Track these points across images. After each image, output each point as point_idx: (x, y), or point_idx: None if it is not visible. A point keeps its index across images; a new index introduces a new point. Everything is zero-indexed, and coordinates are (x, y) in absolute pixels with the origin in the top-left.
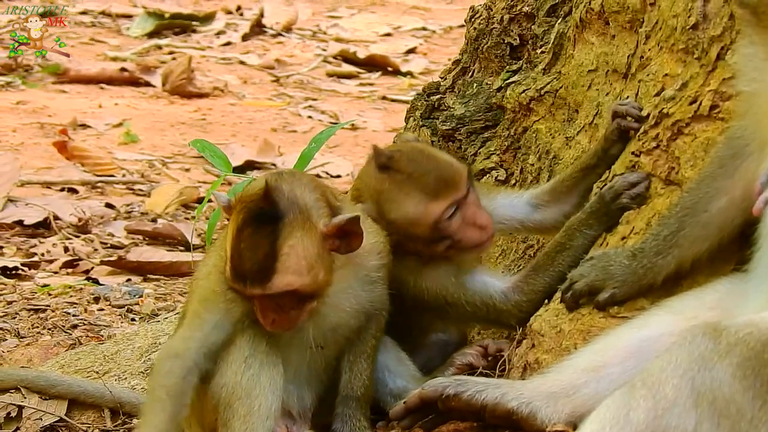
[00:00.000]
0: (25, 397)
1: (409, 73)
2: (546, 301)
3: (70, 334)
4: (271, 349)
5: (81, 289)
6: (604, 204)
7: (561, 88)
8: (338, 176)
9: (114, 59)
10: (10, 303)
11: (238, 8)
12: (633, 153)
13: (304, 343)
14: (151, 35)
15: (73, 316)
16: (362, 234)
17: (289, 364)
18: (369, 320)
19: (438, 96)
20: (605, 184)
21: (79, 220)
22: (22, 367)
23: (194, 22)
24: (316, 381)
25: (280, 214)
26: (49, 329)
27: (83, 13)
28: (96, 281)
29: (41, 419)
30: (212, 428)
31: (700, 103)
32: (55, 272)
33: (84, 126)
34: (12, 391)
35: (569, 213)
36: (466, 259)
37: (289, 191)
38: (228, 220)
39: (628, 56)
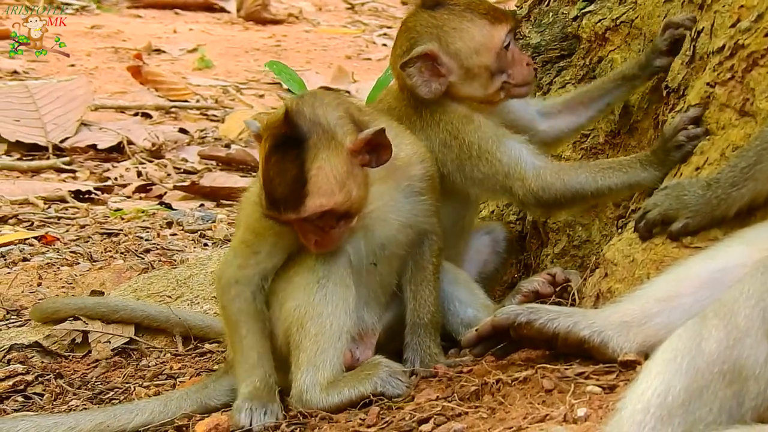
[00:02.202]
0: (86, 323)
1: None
2: (618, 230)
3: (143, 259)
4: (345, 271)
5: (154, 213)
6: (664, 141)
7: (636, 18)
8: None
9: None
10: (83, 227)
11: None
12: (708, 84)
13: (359, 261)
14: None
15: (146, 240)
16: (390, 145)
17: None
18: (421, 242)
19: (517, 14)
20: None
21: (153, 144)
22: (93, 291)
23: None
24: (374, 303)
25: (304, 137)
26: (122, 253)
27: None
28: (169, 206)
29: (110, 342)
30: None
31: None
32: (128, 197)
33: (158, 51)
34: (70, 319)
35: (581, 126)
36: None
37: (310, 113)
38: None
39: None
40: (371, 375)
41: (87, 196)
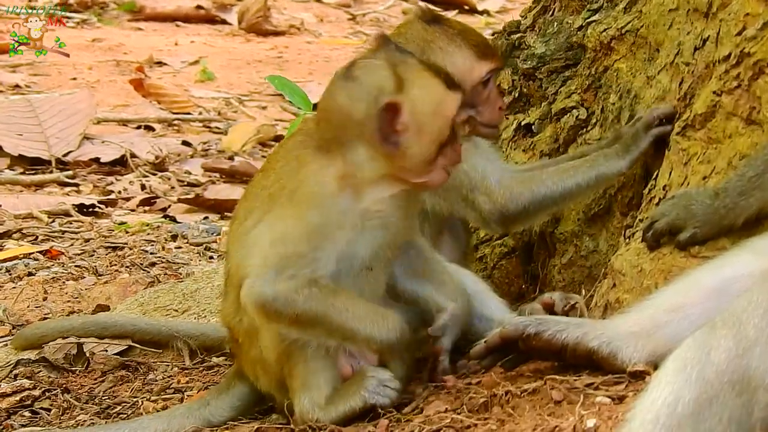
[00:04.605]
0: (80, 337)
1: (485, 12)
2: (626, 240)
3: (148, 272)
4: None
5: (158, 227)
6: (635, 131)
7: (642, 27)
8: None
9: None
10: (87, 241)
11: None
12: (714, 92)
13: (356, 268)
14: None
15: (151, 254)
16: None
17: None
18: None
19: (518, 35)
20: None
21: (156, 157)
22: (99, 305)
23: None
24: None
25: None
26: (127, 267)
27: None
28: (173, 219)
29: (107, 350)
30: (279, 378)
31: None
32: (132, 210)
33: (160, 63)
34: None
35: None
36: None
37: None
38: None
39: None
40: (359, 388)
41: (91, 209)
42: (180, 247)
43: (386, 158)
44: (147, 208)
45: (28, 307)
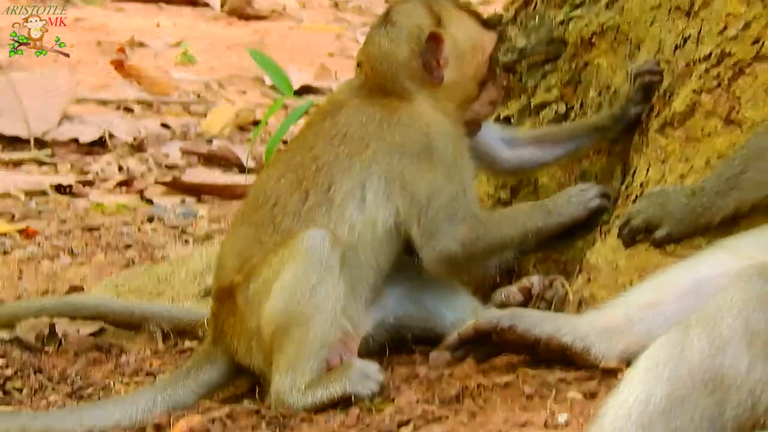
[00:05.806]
0: (52, 317)
1: (467, 3)
2: (602, 236)
3: (124, 254)
4: (336, 277)
5: (135, 208)
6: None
7: (623, 23)
8: None
9: None
10: (63, 221)
11: None
12: (694, 91)
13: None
14: None
15: (127, 235)
16: None
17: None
18: None
19: (499, 28)
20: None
21: (135, 139)
22: (72, 287)
23: None
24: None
25: None
26: (103, 248)
27: None
28: (150, 201)
29: (79, 331)
30: (267, 352)
31: (763, 44)
32: (110, 191)
33: (141, 45)
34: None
35: (546, 162)
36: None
37: None
38: None
39: None
40: (342, 377)
41: (68, 189)
42: (156, 230)
43: (438, 95)
44: (124, 189)
45: (2, 285)
